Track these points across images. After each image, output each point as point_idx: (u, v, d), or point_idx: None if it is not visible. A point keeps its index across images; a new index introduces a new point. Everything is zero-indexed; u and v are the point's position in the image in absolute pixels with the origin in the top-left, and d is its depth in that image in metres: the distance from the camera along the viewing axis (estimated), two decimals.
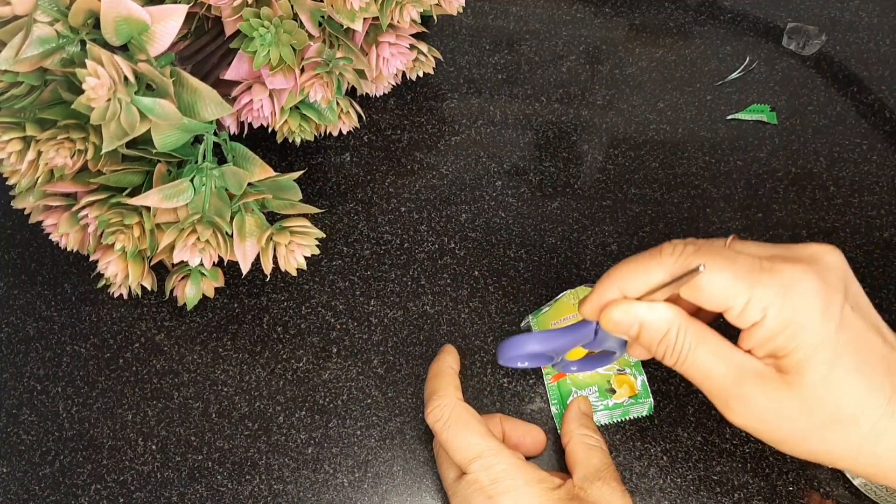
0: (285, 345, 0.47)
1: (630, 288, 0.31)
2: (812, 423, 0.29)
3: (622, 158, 0.53)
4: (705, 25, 0.59)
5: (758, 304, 0.28)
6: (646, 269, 0.31)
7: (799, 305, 0.28)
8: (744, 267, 0.29)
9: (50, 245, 0.50)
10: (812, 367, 0.28)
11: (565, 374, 0.44)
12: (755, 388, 0.29)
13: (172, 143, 0.40)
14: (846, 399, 0.28)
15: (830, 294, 0.29)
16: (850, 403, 0.28)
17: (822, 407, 0.28)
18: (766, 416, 0.29)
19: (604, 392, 0.43)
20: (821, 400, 0.28)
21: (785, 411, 0.29)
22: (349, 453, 0.44)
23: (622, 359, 0.43)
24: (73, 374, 0.47)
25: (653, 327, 0.31)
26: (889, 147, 0.53)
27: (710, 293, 0.29)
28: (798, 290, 0.28)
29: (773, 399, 0.29)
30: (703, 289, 0.29)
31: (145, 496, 0.43)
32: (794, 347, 0.28)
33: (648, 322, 0.31)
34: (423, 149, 0.55)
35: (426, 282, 0.49)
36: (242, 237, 0.44)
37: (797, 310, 0.28)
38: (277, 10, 0.41)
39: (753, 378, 0.29)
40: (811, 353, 0.28)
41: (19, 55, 0.34)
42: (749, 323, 0.29)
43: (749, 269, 0.29)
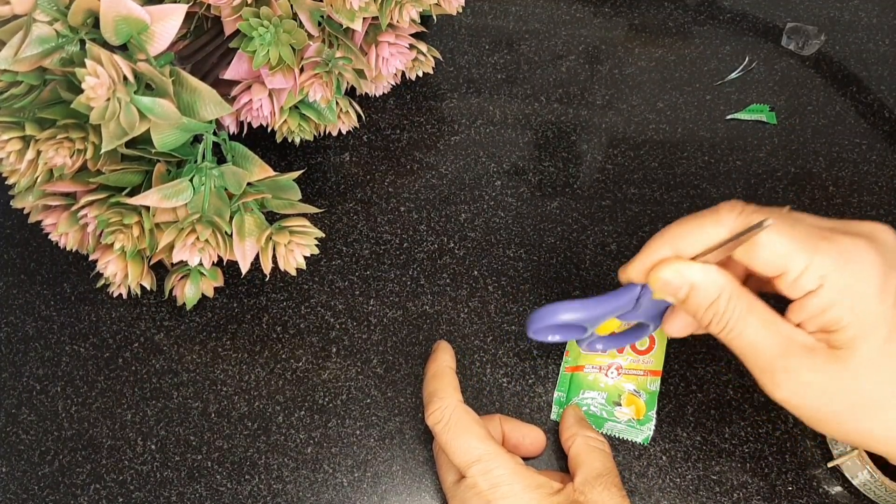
0: (285, 344, 0.47)
1: (684, 246, 0.30)
2: (858, 402, 0.27)
3: (621, 158, 0.53)
4: (705, 25, 0.59)
5: (816, 271, 0.27)
6: (701, 226, 0.29)
7: (858, 277, 0.27)
8: (804, 232, 0.28)
9: (49, 244, 0.49)
10: (866, 343, 0.27)
11: (582, 368, 0.44)
12: (803, 361, 0.28)
13: (172, 143, 0.40)
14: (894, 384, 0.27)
15: (889, 270, 0.27)
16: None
17: (872, 386, 0.27)
18: (811, 392, 0.28)
19: (611, 401, 0.43)
20: (871, 378, 0.27)
21: (832, 388, 0.28)
22: (348, 453, 0.44)
23: (642, 383, 0.44)
24: (73, 374, 0.47)
25: (704, 290, 0.29)
26: (888, 147, 0.53)
27: (769, 254, 0.28)
28: (858, 262, 0.27)
29: (821, 374, 0.28)
30: (763, 249, 0.28)
31: (145, 496, 0.43)
32: (850, 321, 0.27)
33: (700, 284, 0.29)
34: (423, 148, 0.55)
35: (425, 281, 0.49)
36: (242, 237, 0.43)
37: (856, 281, 0.27)
38: (277, 10, 0.41)
39: (802, 351, 0.28)
40: (866, 329, 0.27)
41: (19, 55, 0.34)
42: (804, 291, 0.28)
43: (809, 236, 0.28)
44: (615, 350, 0.43)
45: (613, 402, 0.43)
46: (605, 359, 0.44)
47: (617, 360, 0.44)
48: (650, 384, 0.44)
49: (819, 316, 0.28)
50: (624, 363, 0.44)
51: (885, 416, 0.28)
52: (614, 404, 0.43)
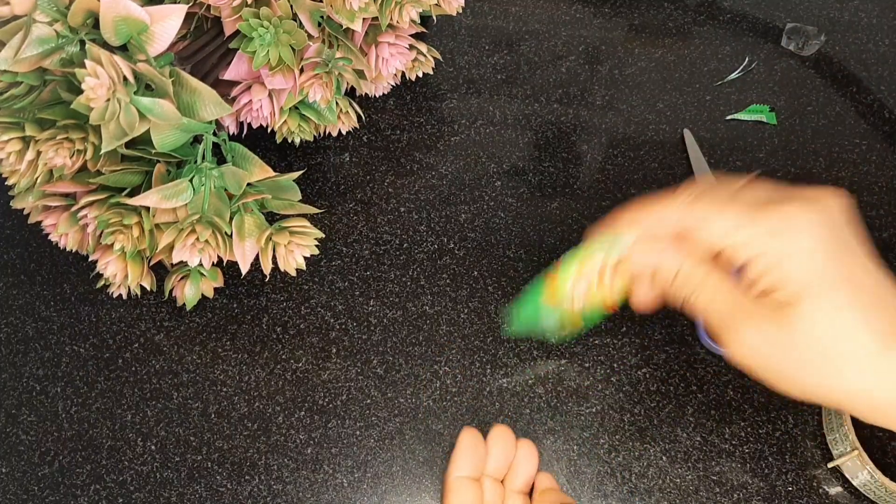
0: (284, 345, 0.47)
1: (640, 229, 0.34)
2: (805, 358, 0.29)
3: (621, 159, 0.53)
4: (705, 26, 0.59)
5: (754, 241, 0.30)
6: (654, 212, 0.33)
7: (796, 239, 0.29)
8: (746, 205, 0.30)
9: (49, 245, 0.49)
10: (804, 300, 0.28)
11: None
12: (747, 322, 0.30)
13: (172, 144, 0.40)
14: (839, 333, 0.28)
15: (830, 230, 0.29)
16: (843, 338, 0.28)
17: (815, 340, 0.28)
18: (759, 351, 0.30)
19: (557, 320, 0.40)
20: (812, 334, 0.28)
21: (777, 345, 0.29)
22: (348, 453, 0.44)
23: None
24: (73, 375, 0.47)
25: (666, 267, 0.33)
26: (888, 147, 0.53)
27: (710, 231, 0.31)
28: (795, 226, 0.29)
29: (765, 331, 0.29)
30: (705, 229, 0.31)
31: (144, 496, 0.43)
32: (786, 281, 0.29)
33: (662, 264, 0.33)
34: (423, 149, 0.55)
35: (425, 282, 0.49)
36: (242, 237, 0.43)
37: (794, 242, 0.29)
38: (277, 11, 0.41)
39: (745, 313, 0.30)
40: (807, 285, 0.28)
41: (18, 55, 0.34)
42: (747, 257, 0.30)
43: (750, 207, 0.30)
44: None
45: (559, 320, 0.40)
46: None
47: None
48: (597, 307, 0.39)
49: (760, 279, 0.30)
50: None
51: (833, 370, 0.29)
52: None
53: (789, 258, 0.29)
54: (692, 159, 0.52)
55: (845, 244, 0.29)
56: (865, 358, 0.28)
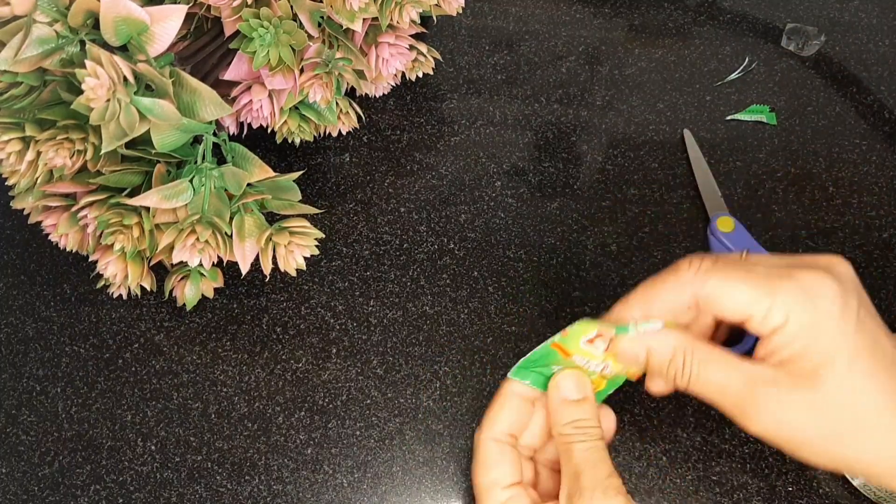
0: (284, 345, 0.47)
1: (654, 311, 0.32)
2: (829, 428, 0.29)
3: (621, 159, 0.53)
4: (705, 26, 0.59)
5: (780, 308, 0.29)
6: (664, 290, 0.32)
7: (820, 308, 0.29)
8: (762, 275, 0.30)
9: (49, 245, 0.49)
10: (830, 370, 0.28)
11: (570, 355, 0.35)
12: (770, 393, 0.29)
13: (172, 144, 0.40)
14: (863, 402, 0.28)
15: (847, 298, 0.29)
16: (866, 407, 0.28)
17: (839, 410, 0.28)
18: (783, 422, 0.29)
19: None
20: (838, 403, 0.28)
21: (802, 416, 0.29)
22: (348, 454, 0.44)
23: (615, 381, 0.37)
24: (73, 375, 0.47)
25: (659, 352, 0.31)
26: (888, 147, 0.53)
27: (731, 303, 0.30)
28: (818, 294, 0.29)
29: (789, 403, 0.29)
30: (725, 300, 0.30)
31: (144, 496, 0.43)
32: (814, 350, 0.28)
33: (654, 348, 0.32)
34: (423, 149, 0.55)
35: (426, 282, 0.49)
36: (242, 237, 0.44)
37: (818, 313, 0.29)
38: (277, 11, 0.41)
39: (767, 384, 0.29)
40: (830, 357, 0.28)
41: (19, 55, 0.34)
42: (771, 328, 0.29)
43: (768, 277, 0.30)
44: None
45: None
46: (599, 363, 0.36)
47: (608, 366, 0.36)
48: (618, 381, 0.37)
49: (785, 348, 0.29)
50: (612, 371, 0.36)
51: (857, 440, 0.29)
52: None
53: (814, 327, 0.29)
54: (692, 159, 0.52)
55: (862, 312, 0.29)
56: (890, 425, 0.28)
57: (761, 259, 0.32)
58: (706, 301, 0.31)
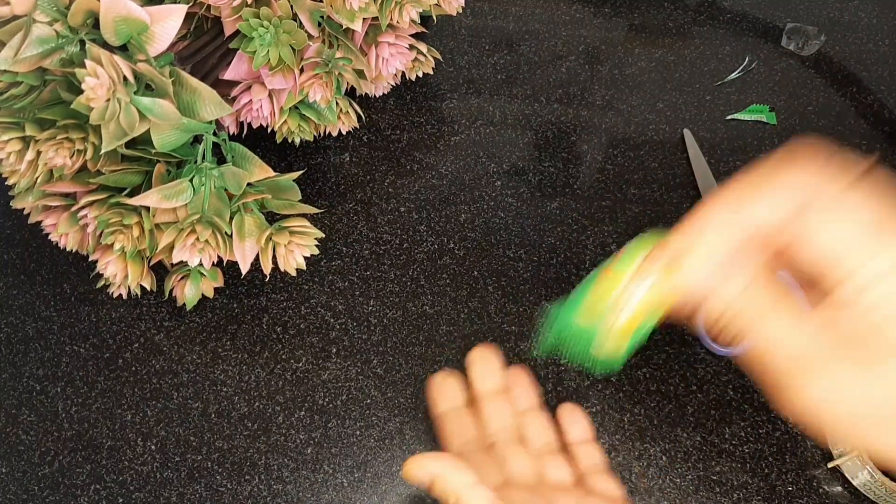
0: (284, 345, 0.47)
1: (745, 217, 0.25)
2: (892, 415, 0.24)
3: (621, 158, 0.53)
4: (705, 26, 0.59)
5: (874, 268, 0.24)
6: (764, 197, 0.25)
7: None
8: (869, 218, 0.24)
9: (49, 245, 0.49)
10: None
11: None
12: (837, 361, 0.25)
13: (172, 143, 0.40)
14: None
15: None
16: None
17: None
18: (843, 398, 0.25)
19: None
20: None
21: (869, 394, 0.24)
22: (348, 453, 0.44)
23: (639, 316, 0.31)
24: (73, 375, 0.47)
25: (728, 288, 0.26)
26: (888, 147, 0.53)
27: (824, 246, 0.25)
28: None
29: (857, 378, 0.24)
30: (819, 238, 0.24)
31: (144, 496, 0.43)
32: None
33: (724, 283, 0.26)
34: (423, 149, 0.55)
35: (425, 282, 0.49)
36: (242, 237, 0.43)
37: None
38: (277, 11, 0.41)
39: (837, 351, 0.25)
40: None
41: (19, 55, 0.34)
42: (853, 290, 0.24)
43: (876, 224, 0.24)
44: None
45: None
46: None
47: None
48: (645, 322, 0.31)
49: (868, 313, 0.24)
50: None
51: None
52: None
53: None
54: (692, 159, 0.52)
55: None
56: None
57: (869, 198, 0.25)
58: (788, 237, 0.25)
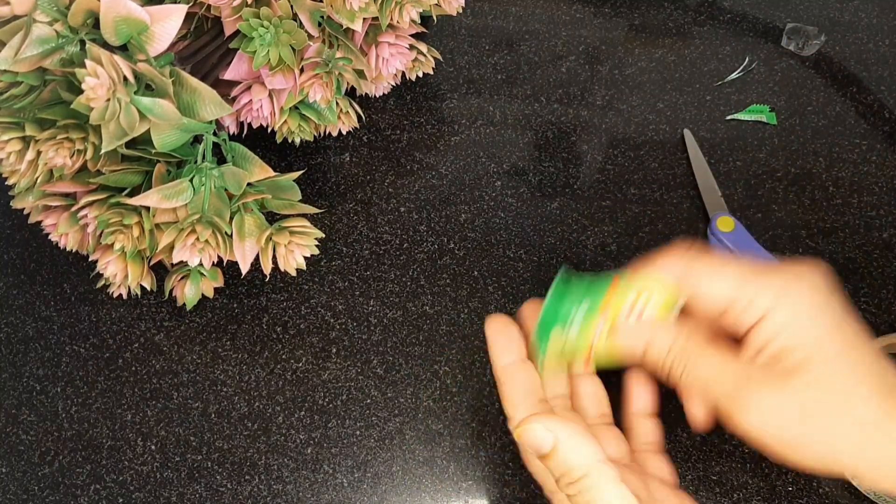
0: (285, 345, 0.47)
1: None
2: (815, 424, 0.28)
3: (622, 159, 0.53)
4: (705, 26, 0.59)
5: (759, 303, 0.30)
6: (652, 269, 0.33)
7: (798, 303, 0.29)
8: (744, 269, 0.31)
9: (49, 245, 0.49)
10: (813, 364, 0.28)
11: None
12: (758, 390, 0.29)
13: (172, 143, 0.40)
14: (847, 398, 0.28)
15: (827, 296, 0.30)
16: (851, 403, 0.28)
17: (824, 406, 0.28)
18: (772, 421, 0.29)
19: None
20: (823, 399, 0.28)
21: (788, 412, 0.29)
22: (348, 453, 0.44)
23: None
24: (73, 374, 0.47)
25: (658, 344, 0.32)
26: (888, 147, 0.53)
27: (714, 292, 0.31)
28: (796, 291, 0.30)
29: (776, 400, 0.29)
30: (708, 288, 0.31)
31: (144, 496, 0.43)
32: (797, 345, 0.29)
33: (653, 340, 0.33)
34: (423, 149, 0.55)
35: (426, 282, 0.49)
36: (242, 237, 0.44)
37: (797, 307, 0.29)
38: (277, 11, 0.41)
39: (756, 381, 0.29)
40: (815, 349, 0.29)
41: (19, 55, 0.34)
42: (751, 321, 0.30)
43: (750, 272, 0.31)
44: None
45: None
46: None
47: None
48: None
49: (767, 346, 0.30)
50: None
51: (843, 437, 0.28)
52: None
53: (795, 321, 0.29)
54: (692, 159, 0.52)
55: (841, 311, 0.30)
56: (876, 422, 0.28)
57: (739, 260, 0.33)
58: (688, 285, 0.32)
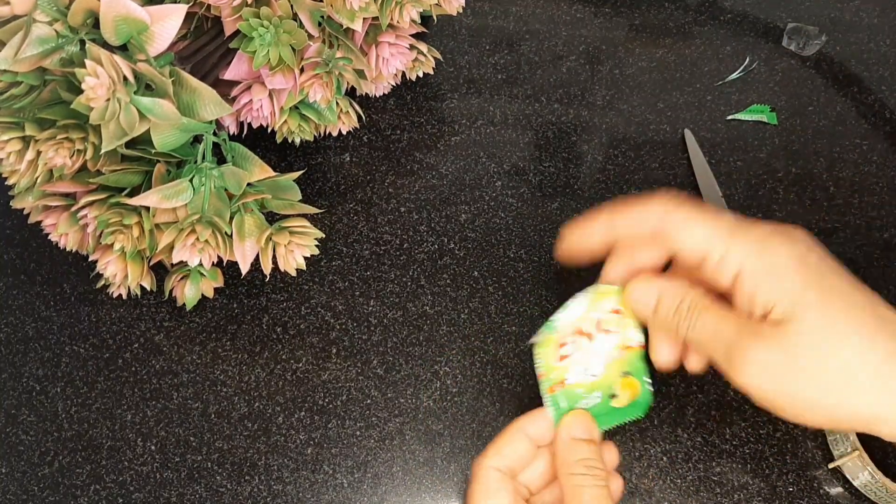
0: (284, 345, 0.47)
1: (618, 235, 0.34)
2: (811, 378, 0.28)
3: (622, 159, 0.53)
4: (705, 26, 0.59)
5: (735, 255, 0.30)
6: (628, 216, 0.33)
7: (775, 257, 0.29)
8: (721, 222, 0.31)
9: (49, 245, 0.49)
10: (801, 314, 0.28)
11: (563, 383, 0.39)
12: (754, 342, 0.29)
13: (172, 143, 0.39)
14: (841, 347, 0.27)
15: (805, 249, 0.29)
16: (846, 351, 0.27)
17: (819, 356, 0.28)
18: (769, 374, 0.29)
19: (608, 396, 0.39)
20: (815, 349, 0.28)
21: (784, 365, 0.28)
22: (348, 454, 0.44)
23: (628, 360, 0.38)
24: (73, 375, 0.47)
25: (668, 299, 0.33)
26: (889, 147, 0.53)
27: (690, 239, 0.31)
28: (773, 244, 0.29)
29: (771, 351, 0.28)
30: (685, 236, 0.31)
31: (144, 496, 0.43)
32: (778, 298, 0.28)
33: (664, 295, 0.33)
34: (423, 149, 0.55)
35: (426, 282, 0.49)
36: (242, 237, 0.43)
37: (774, 261, 0.29)
38: (277, 10, 0.41)
39: (752, 333, 0.29)
40: (798, 301, 0.28)
41: (18, 55, 0.34)
42: (727, 275, 0.30)
43: (727, 225, 0.30)
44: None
45: (610, 395, 0.38)
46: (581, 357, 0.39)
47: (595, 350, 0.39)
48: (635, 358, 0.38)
49: (752, 302, 0.29)
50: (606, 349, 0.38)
51: (841, 387, 0.28)
52: (611, 397, 0.38)
53: (774, 275, 0.29)
54: (693, 159, 0.52)
55: (826, 262, 0.30)
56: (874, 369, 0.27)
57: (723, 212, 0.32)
58: (665, 234, 0.31)
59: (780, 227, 0.30)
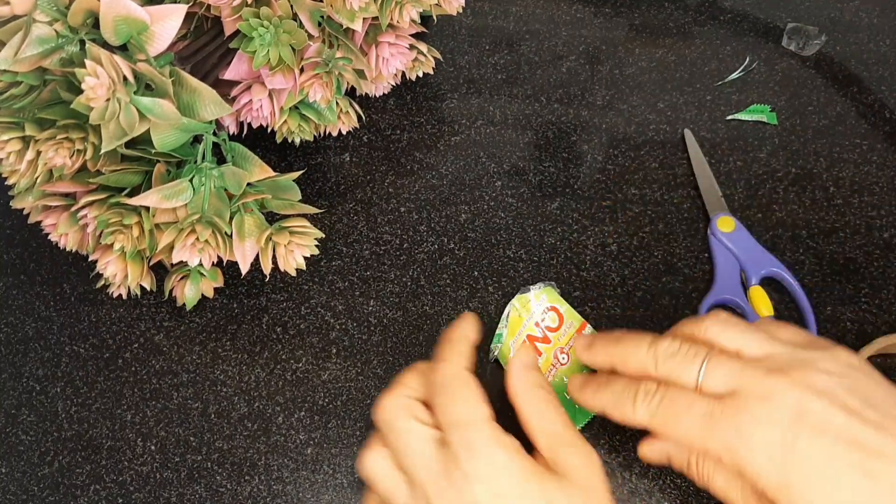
0: (284, 345, 0.47)
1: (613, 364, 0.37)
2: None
3: (622, 158, 0.53)
4: (705, 26, 0.59)
5: (707, 462, 0.34)
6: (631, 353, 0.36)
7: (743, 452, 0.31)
8: (697, 409, 0.32)
9: (49, 245, 0.49)
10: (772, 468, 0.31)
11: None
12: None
13: (172, 143, 0.40)
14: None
15: (793, 427, 0.31)
16: None
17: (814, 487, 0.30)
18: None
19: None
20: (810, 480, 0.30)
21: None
22: (348, 454, 0.44)
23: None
24: (72, 375, 0.47)
25: (677, 456, 0.37)
26: (889, 147, 0.53)
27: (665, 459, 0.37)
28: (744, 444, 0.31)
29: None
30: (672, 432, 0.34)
31: (144, 496, 0.43)
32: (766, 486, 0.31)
33: (674, 453, 0.37)
34: (423, 149, 0.55)
35: (426, 282, 0.49)
36: (241, 237, 0.43)
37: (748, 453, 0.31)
38: (277, 10, 0.41)
39: (756, 497, 0.33)
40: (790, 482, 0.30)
41: (18, 55, 0.34)
42: (708, 473, 0.34)
43: (702, 413, 0.32)
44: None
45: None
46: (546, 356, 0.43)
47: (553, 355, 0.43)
48: None
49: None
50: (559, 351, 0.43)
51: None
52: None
53: (754, 467, 0.31)
54: (692, 159, 0.52)
55: (811, 424, 0.31)
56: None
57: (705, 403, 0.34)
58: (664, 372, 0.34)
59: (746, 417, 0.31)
